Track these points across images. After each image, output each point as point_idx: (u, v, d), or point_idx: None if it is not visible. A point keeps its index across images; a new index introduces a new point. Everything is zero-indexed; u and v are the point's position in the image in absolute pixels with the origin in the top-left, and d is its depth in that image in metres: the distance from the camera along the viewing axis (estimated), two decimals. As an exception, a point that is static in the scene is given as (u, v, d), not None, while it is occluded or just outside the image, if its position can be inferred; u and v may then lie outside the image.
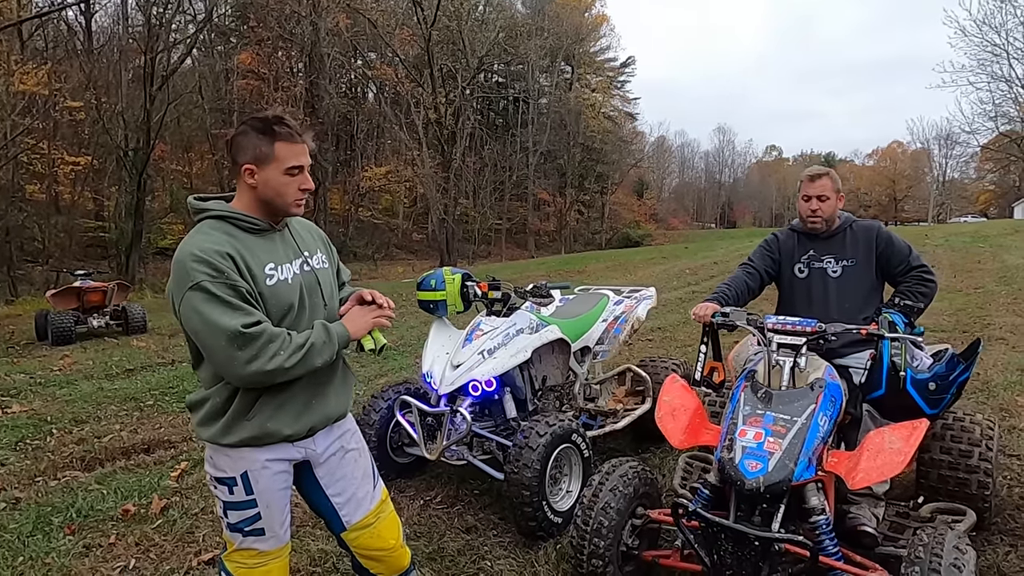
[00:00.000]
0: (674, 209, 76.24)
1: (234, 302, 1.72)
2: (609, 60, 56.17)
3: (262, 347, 1.71)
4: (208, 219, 1.86)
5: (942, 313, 7.81)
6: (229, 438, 1.84)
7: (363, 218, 36.68)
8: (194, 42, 27.46)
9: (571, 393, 4.04)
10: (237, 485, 1.88)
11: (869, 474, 2.21)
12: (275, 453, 1.90)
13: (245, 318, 1.71)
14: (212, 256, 1.72)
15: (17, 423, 5.25)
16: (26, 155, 21.15)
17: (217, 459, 1.90)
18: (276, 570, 1.99)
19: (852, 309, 2.92)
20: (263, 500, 1.90)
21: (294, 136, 1.84)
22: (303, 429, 1.91)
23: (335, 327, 1.89)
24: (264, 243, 1.88)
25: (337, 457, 2.05)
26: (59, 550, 3.14)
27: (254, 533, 1.93)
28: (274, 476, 1.91)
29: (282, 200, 1.87)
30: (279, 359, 1.73)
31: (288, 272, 1.90)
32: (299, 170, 1.86)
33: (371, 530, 2.11)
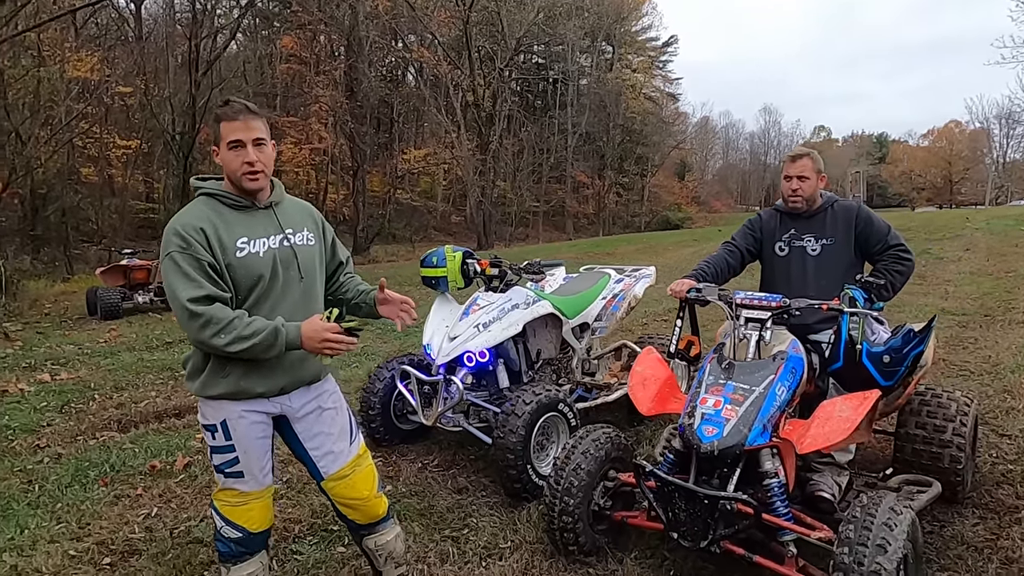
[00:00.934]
0: (717, 191, 74.79)
1: (192, 274, 1.93)
2: (651, 40, 55.21)
3: (204, 323, 1.91)
4: (201, 195, 2.10)
5: (967, 297, 7.69)
6: (208, 391, 2.08)
7: (402, 200, 37.13)
8: (237, 27, 28.10)
9: (568, 367, 4.21)
10: (218, 431, 2.12)
11: (816, 439, 2.33)
12: (251, 406, 2.12)
13: (195, 291, 1.92)
14: (186, 229, 1.97)
15: (64, 389, 5.68)
16: (81, 139, 22.07)
17: (203, 408, 2.15)
18: (257, 509, 2.21)
19: (829, 287, 3.00)
20: (241, 446, 2.12)
21: (233, 114, 2.03)
22: (275, 388, 2.12)
23: (288, 334, 1.99)
24: (244, 218, 2.10)
25: (315, 415, 2.25)
26: (93, 499, 3.48)
27: (234, 475, 2.16)
28: (251, 425, 2.13)
29: (233, 175, 2.06)
30: (221, 340, 1.92)
31: (261, 246, 2.09)
32: (238, 144, 2.02)
33: (347, 481, 2.31)
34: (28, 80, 17.60)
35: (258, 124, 2.06)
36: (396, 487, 3.49)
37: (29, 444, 4.33)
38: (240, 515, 2.18)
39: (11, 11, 12.77)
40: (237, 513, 2.18)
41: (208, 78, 24.03)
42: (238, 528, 2.19)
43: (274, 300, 2.10)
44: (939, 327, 6.30)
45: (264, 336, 1.95)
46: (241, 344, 1.93)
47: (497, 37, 34.78)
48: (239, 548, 2.21)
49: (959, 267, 10.24)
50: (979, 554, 2.67)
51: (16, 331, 8.70)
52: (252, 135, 2.04)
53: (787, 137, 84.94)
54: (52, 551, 2.93)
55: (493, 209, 33.68)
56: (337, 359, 2.23)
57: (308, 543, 2.97)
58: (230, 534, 2.19)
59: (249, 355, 1.97)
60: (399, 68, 38.46)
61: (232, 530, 2.19)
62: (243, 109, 2.05)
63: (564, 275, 4.67)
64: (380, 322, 8.15)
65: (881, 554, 2.00)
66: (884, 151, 78.72)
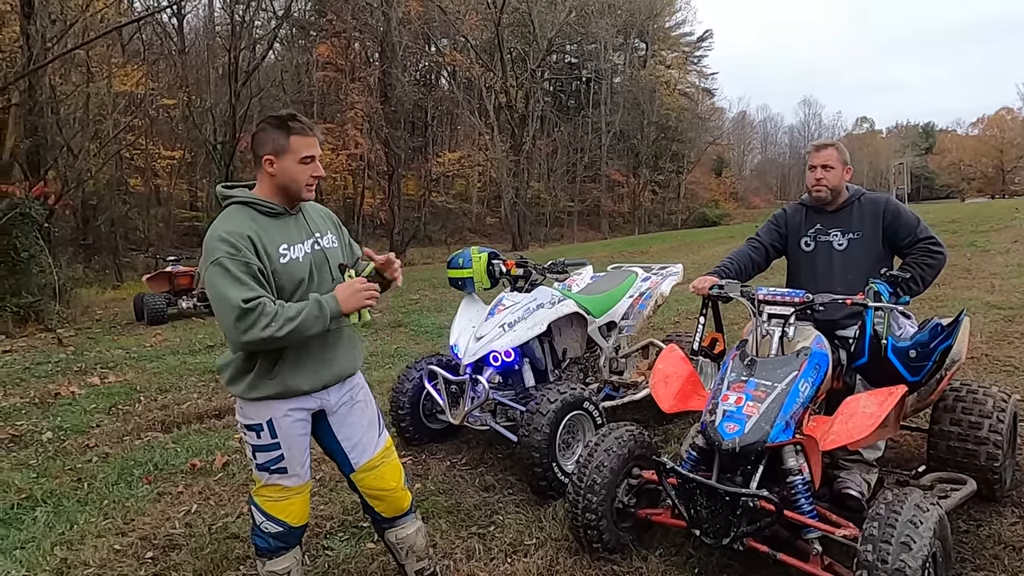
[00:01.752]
0: (756, 187, 73.39)
1: (243, 278, 1.99)
2: (685, 35, 54.56)
3: (256, 319, 1.96)
4: (234, 204, 2.18)
5: (1015, 290, 7.42)
6: (255, 393, 2.15)
7: (437, 203, 37.46)
8: (274, 37, 28.74)
9: (596, 366, 4.22)
10: (264, 430, 2.20)
11: (839, 436, 2.31)
12: (295, 404, 2.21)
13: (247, 292, 1.97)
14: (234, 237, 2.03)
15: (112, 391, 5.92)
16: (128, 151, 22.91)
17: (246, 409, 2.22)
18: (298, 503, 2.31)
19: (856, 281, 2.95)
20: (285, 443, 2.21)
21: (306, 130, 2.13)
22: (319, 384, 2.22)
23: (328, 302, 2.07)
24: (280, 225, 2.18)
25: (347, 407, 2.35)
26: (137, 496, 3.64)
27: (279, 471, 2.25)
28: (294, 423, 2.22)
29: (296, 186, 2.15)
30: (270, 330, 1.96)
31: (300, 251, 2.18)
32: (311, 159, 2.14)
33: (376, 472, 2.40)
34: (78, 95, 18.32)
35: (319, 141, 2.20)
36: (425, 485, 3.55)
37: (79, 444, 4.53)
38: (282, 510, 2.27)
39: (61, 30, 13.34)
40: (279, 508, 2.27)
41: (247, 88, 24.63)
42: (279, 523, 2.27)
43: None
44: (984, 321, 6.11)
45: (308, 310, 2.03)
46: (291, 325, 1.99)
47: (529, 38, 34.82)
48: (277, 543, 2.29)
49: (1007, 259, 9.88)
50: (1016, 554, 2.60)
51: (69, 336, 9.08)
52: (319, 151, 2.18)
53: (828, 129, 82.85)
54: (99, 545, 3.07)
55: (527, 210, 33.71)
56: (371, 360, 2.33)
57: (339, 539, 3.05)
58: (271, 529, 2.28)
59: (299, 334, 2.01)
60: (432, 72, 38.85)
61: (273, 525, 2.27)
62: (312, 125, 2.17)
63: (591, 274, 4.68)
64: (414, 324, 8.30)
65: (906, 551, 1.97)
66: (931, 141, 76.26)
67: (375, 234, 32.43)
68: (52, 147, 14.84)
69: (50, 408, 5.44)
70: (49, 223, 12.04)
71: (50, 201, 12.13)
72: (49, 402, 5.64)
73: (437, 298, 10.85)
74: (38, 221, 10.32)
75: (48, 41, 12.38)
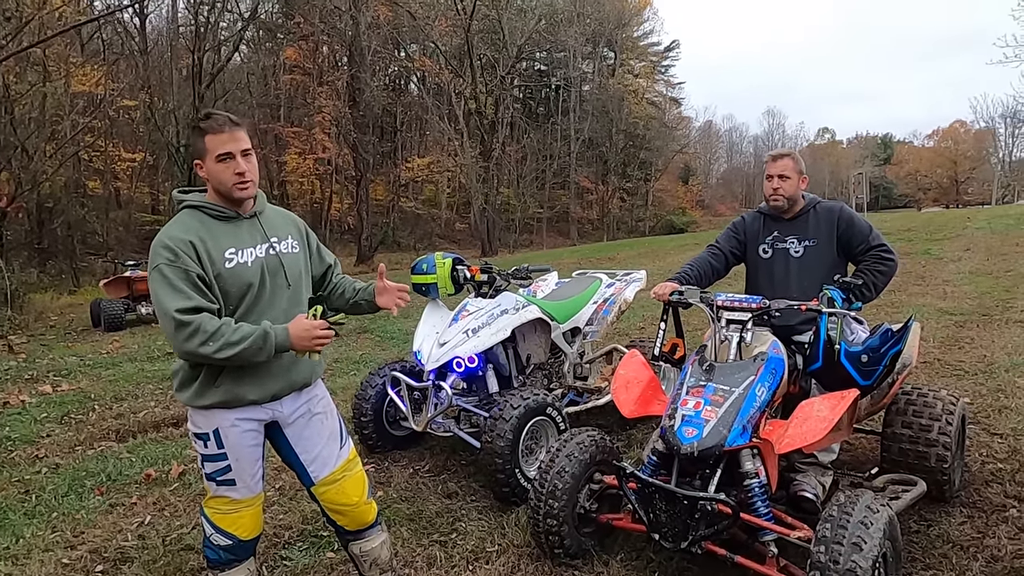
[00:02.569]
0: (722, 195, 74.60)
1: (179, 286, 1.96)
2: (652, 45, 55.26)
3: (192, 333, 1.92)
4: (185, 208, 2.13)
5: (966, 296, 7.67)
6: (201, 401, 2.10)
7: (406, 208, 37.30)
8: (239, 39, 28.35)
9: (560, 371, 4.23)
10: (210, 440, 2.14)
11: (794, 439, 2.35)
12: (244, 413, 2.14)
13: (184, 302, 1.94)
14: (175, 242, 1.99)
15: (64, 400, 5.74)
16: (86, 152, 22.31)
17: (194, 417, 2.17)
18: (248, 517, 2.24)
19: (812, 288, 3.01)
20: (233, 454, 2.15)
21: (218, 127, 2.05)
22: (267, 395, 2.15)
23: (277, 335, 2.03)
24: (229, 229, 2.13)
25: (304, 419, 2.28)
26: (88, 508, 3.52)
27: (226, 483, 2.18)
28: (243, 433, 2.15)
29: (224, 186, 2.09)
30: (209, 348, 1.94)
31: (249, 256, 2.13)
32: (229, 156, 2.05)
33: (337, 486, 2.34)
34: (34, 95, 17.77)
35: (243, 134, 2.10)
36: (387, 493, 3.51)
37: (28, 455, 4.38)
38: (231, 522, 2.21)
39: (16, 27, 12.95)
40: (228, 520, 2.21)
41: (212, 90, 24.25)
42: (228, 536, 2.22)
43: (262, 307, 2.14)
44: (936, 327, 6.29)
45: (253, 340, 1.98)
46: (230, 350, 1.95)
47: (499, 45, 34.92)
48: (228, 555, 2.24)
49: (959, 267, 10.20)
50: (964, 552, 2.67)
51: (20, 343, 8.78)
52: (240, 146, 2.08)
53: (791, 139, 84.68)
54: (46, 559, 2.97)
55: (497, 216, 33.74)
56: (336, 366, 2.32)
57: (298, 549, 3.00)
58: (220, 541, 2.22)
59: (239, 361, 1.99)
60: (401, 77, 38.72)
61: (222, 537, 2.22)
62: (227, 121, 2.07)
63: (556, 280, 4.70)
64: (380, 330, 8.22)
65: (856, 552, 2.01)
66: (889, 152, 78.42)
67: (343, 239, 32.12)
68: (6, 147, 14.39)
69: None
70: (1, 226, 11.65)
71: (2, 203, 11.75)
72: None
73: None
74: (-11, 224, 9.99)
75: (2, 39, 12.01)
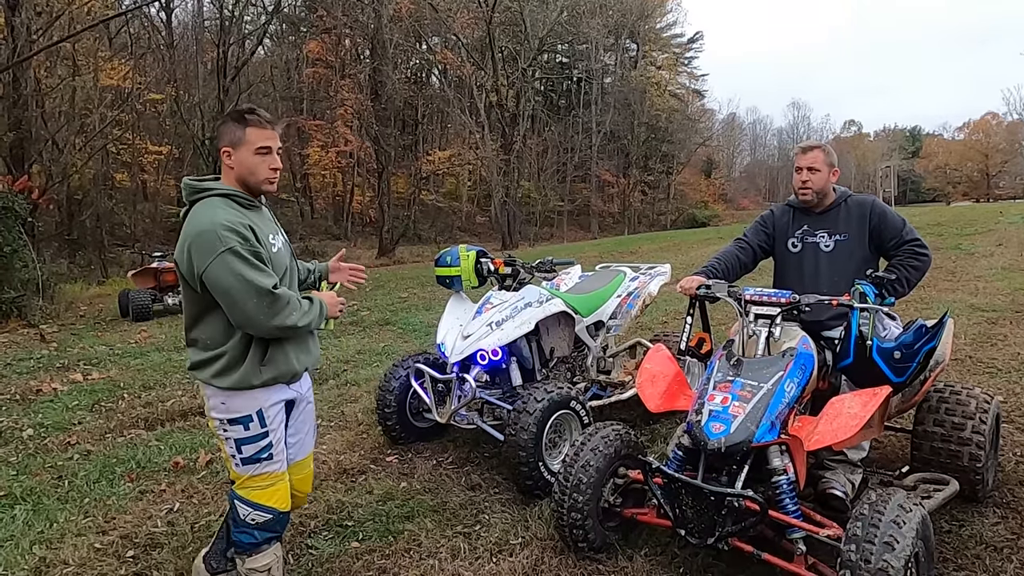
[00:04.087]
0: (745, 189, 73.75)
1: (261, 266, 2.10)
2: (676, 36, 54.75)
3: (283, 306, 2.10)
4: (215, 196, 2.17)
5: (998, 292, 7.50)
6: (253, 380, 2.19)
7: (427, 201, 37.38)
8: (263, 33, 28.59)
9: (583, 365, 4.22)
10: (253, 421, 2.23)
11: (824, 436, 2.31)
12: (279, 395, 2.29)
13: (270, 279, 2.10)
14: (239, 226, 2.08)
15: (95, 388, 5.85)
16: (114, 145, 22.68)
17: (232, 403, 2.22)
18: (283, 488, 2.34)
19: (842, 283, 2.97)
20: (273, 431, 2.27)
21: (263, 123, 2.18)
22: (302, 368, 2.34)
23: (322, 303, 2.30)
24: (259, 217, 2.24)
25: (307, 403, 2.49)
26: (119, 494, 3.59)
27: (269, 459, 2.27)
28: (279, 412, 2.31)
29: (255, 178, 2.20)
30: (294, 317, 2.13)
31: (280, 241, 2.31)
32: (267, 150, 2.19)
33: (305, 474, 2.54)
34: (64, 89, 18.14)
35: (278, 134, 2.25)
36: (411, 484, 3.53)
37: (60, 441, 4.47)
38: (270, 496, 2.29)
39: (47, 23, 13.19)
40: (267, 495, 2.28)
41: (236, 84, 24.50)
42: (268, 510, 2.29)
43: (292, 289, 2.31)
44: (968, 324, 6.16)
45: (315, 307, 2.25)
46: (307, 318, 2.19)
47: (520, 37, 34.79)
48: (264, 533, 2.30)
49: (991, 262, 9.98)
50: (998, 554, 2.62)
51: (52, 333, 8.97)
52: (277, 144, 2.24)
53: (816, 132, 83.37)
54: (79, 544, 3.03)
55: (517, 209, 33.70)
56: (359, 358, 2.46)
57: (323, 538, 3.03)
58: (259, 518, 2.28)
59: (306, 328, 2.22)
60: (423, 70, 38.73)
61: (262, 513, 2.28)
62: (271, 119, 2.22)
63: (580, 273, 4.68)
64: (402, 322, 8.27)
65: (888, 551, 1.98)
66: (917, 145, 76.98)
67: (364, 232, 32.34)
68: (36, 141, 14.67)
69: (31, 405, 5.37)
70: (33, 218, 11.91)
71: (34, 195, 11.99)
72: (30, 399, 5.56)
73: (426, 296, 10.82)
74: (21, 215, 10.19)
75: (33, 33, 12.24)
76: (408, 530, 3.05)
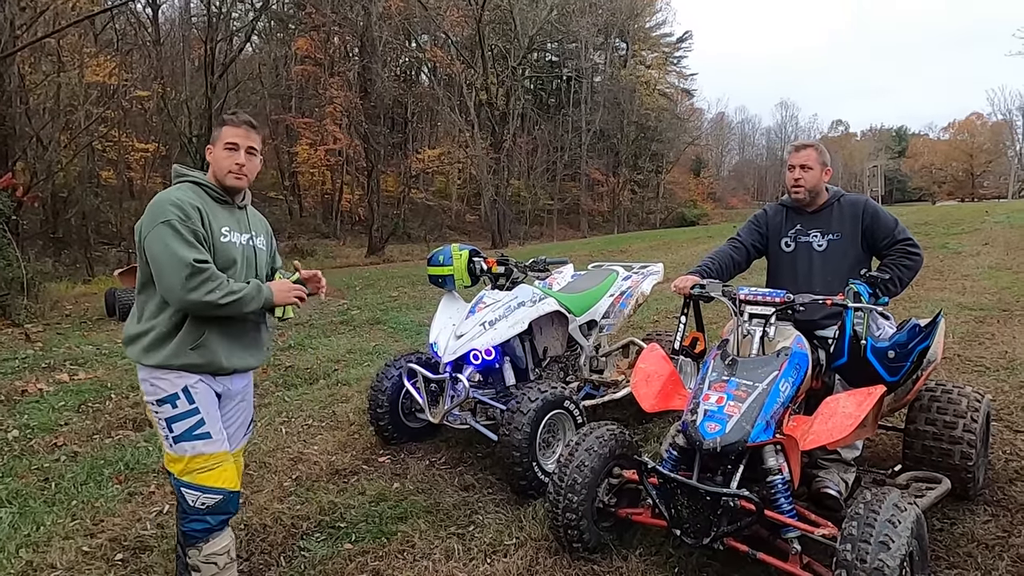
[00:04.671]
0: (733, 188, 74.07)
1: (192, 241, 2.16)
2: (665, 35, 54.85)
3: (203, 281, 2.12)
4: (188, 182, 2.32)
5: (985, 291, 7.58)
6: (175, 360, 2.21)
7: (416, 200, 37.26)
8: (252, 30, 28.35)
9: (576, 365, 4.21)
10: (180, 398, 2.24)
11: (819, 436, 2.32)
12: (205, 380, 2.30)
13: (199, 254, 2.15)
14: (184, 204, 2.20)
15: (82, 388, 5.77)
16: (100, 143, 22.43)
17: (158, 382, 2.24)
18: (230, 469, 2.32)
19: (835, 282, 2.98)
20: (203, 408, 2.27)
21: (237, 122, 2.34)
22: (230, 368, 2.33)
23: (265, 289, 2.30)
24: (224, 211, 2.36)
25: (239, 399, 2.47)
26: (107, 496, 3.54)
27: (201, 437, 2.25)
28: (207, 391, 2.30)
29: (220, 171, 2.33)
30: (214, 295, 2.14)
31: (237, 238, 2.36)
32: (234, 147, 2.31)
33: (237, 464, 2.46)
34: (48, 85, 17.90)
35: (255, 137, 2.37)
36: (404, 484, 3.51)
37: (47, 443, 4.41)
38: (217, 477, 2.27)
39: (31, 18, 13.01)
40: (215, 476, 2.27)
41: (224, 81, 24.28)
42: (218, 491, 2.27)
43: None
44: (956, 322, 6.22)
45: (249, 289, 2.23)
46: (232, 297, 2.17)
47: (510, 35, 34.77)
48: (217, 517, 2.28)
49: (977, 261, 10.08)
50: (989, 551, 2.64)
51: (37, 332, 8.84)
52: (247, 143, 2.34)
53: (804, 132, 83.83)
54: (66, 547, 2.99)
55: (507, 208, 33.68)
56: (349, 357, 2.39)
57: (315, 540, 3.00)
58: (209, 501, 2.26)
59: (236, 309, 2.20)
60: (412, 68, 38.60)
61: (212, 495, 2.26)
62: (248, 122, 2.36)
63: (572, 273, 4.67)
64: (392, 321, 8.23)
65: (884, 551, 1.99)
66: (904, 145, 77.64)
67: (353, 230, 32.18)
68: (20, 137, 14.49)
69: (16, 406, 5.29)
70: (17, 215, 11.74)
71: (18, 193, 11.82)
72: (16, 399, 5.48)
73: (416, 295, 10.78)
74: (5, 213, 10.05)
75: (17, 28, 12.07)
76: (402, 531, 3.03)
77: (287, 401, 5.09)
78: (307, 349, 6.67)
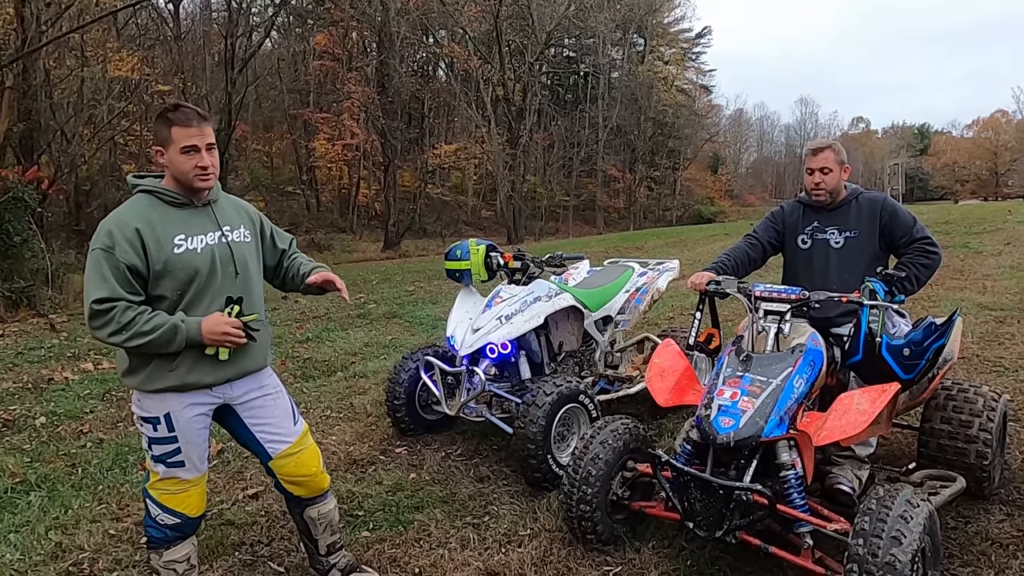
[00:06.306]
0: (751, 185, 73.47)
1: (106, 274, 2.03)
2: (683, 31, 54.46)
3: (105, 323, 2.02)
4: (140, 192, 2.20)
5: (1006, 291, 7.49)
6: (153, 385, 2.15)
7: (433, 195, 37.39)
8: (271, 25, 28.57)
9: (591, 360, 4.25)
10: (160, 424, 2.19)
11: (832, 432, 2.34)
12: (195, 398, 2.21)
13: (103, 292, 2.01)
14: (119, 231, 2.06)
15: (105, 377, 5.90)
16: (122, 137, 22.75)
17: (143, 402, 2.21)
18: (195, 495, 2.31)
19: (852, 280, 2.98)
20: (183, 437, 2.21)
21: (186, 120, 2.12)
22: (220, 380, 2.23)
23: (188, 328, 2.09)
24: (182, 216, 2.19)
25: (259, 400, 2.38)
26: (132, 481, 3.63)
27: (176, 464, 2.23)
28: (194, 417, 2.22)
29: (184, 177, 2.15)
30: (118, 337, 2.03)
31: (199, 243, 2.18)
32: (194, 149, 2.12)
33: (295, 459, 2.43)
34: (72, 80, 18.16)
35: (209, 129, 2.17)
36: (420, 475, 3.57)
37: (73, 430, 4.53)
38: (179, 502, 2.27)
39: (56, 13, 13.22)
40: (176, 500, 2.26)
41: (243, 76, 24.47)
42: (177, 514, 2.27)
43: (212, 295, 2.20)
44: (975, 322, 6.16)
45: (163, 331, 2.05)
46: (141, 339, 2.03)
47: (527, 31, 34.72)
48: (174, 533, 2.29)
49: (999, 261, 9.95)
50: (1004, 550, 2.64)
51: (62, 322, 9.03)
52: (205, 140, 2.15)
53: (824, 129, 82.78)
54: (94, 530, 3.08)
55: (523, 204, 33.71)
56: (366, 350, 2.34)
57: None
58: (167, 520, 2.27)
59: (150, 349, 2.07)
60: (430, 64, 38.66)
61: (170, 516, 2.26)
62: (195, 115, 2.15)
63: (588, 268, 4.70)
64: (408, 315, 8.30)
65: (896, 546, 2.00)
66: (926, 142, 76.51)
67: (370, 225, 32.34)
68: (45, 131, 14.73)
69: (43, 393, 5.42)
70: (42, 208, 11.95)
71: (43, 186, 12.04)
72: (42, 387, 5.62)
73: (432, 290, 10.85)
74: (31, 206, 10.23)
75: (43, 24, 12.27)
76: (418, 520, 3.09)
77: (305, 393, 5.17)
78: (325, 342, 6.76)
